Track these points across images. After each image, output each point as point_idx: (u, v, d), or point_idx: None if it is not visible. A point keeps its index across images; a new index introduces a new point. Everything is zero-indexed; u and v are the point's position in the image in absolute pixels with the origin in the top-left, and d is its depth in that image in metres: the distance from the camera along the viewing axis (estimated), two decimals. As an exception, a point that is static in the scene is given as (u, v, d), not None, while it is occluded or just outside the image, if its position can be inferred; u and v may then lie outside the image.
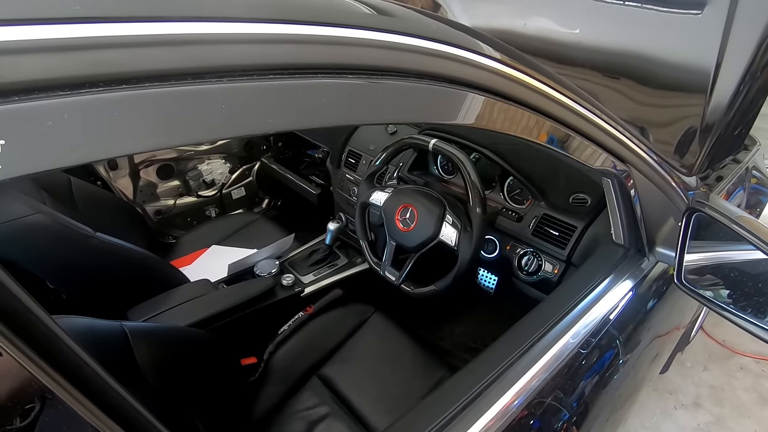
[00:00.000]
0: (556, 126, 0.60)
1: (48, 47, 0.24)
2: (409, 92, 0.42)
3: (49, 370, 0.25)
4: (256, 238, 1.59)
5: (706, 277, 0.80)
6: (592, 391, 0.78)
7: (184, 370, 0.90)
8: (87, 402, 0.27)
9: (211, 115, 0.29)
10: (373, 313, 1.26)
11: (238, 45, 0.30)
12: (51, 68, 0.24)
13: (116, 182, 1.73)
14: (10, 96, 0.23)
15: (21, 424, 0.25)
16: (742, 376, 1.85)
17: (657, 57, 1.18)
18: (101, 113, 0.25)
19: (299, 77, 0.33)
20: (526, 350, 0.67)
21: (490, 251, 1.19)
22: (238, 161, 2.05)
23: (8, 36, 0.23)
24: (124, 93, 0.26)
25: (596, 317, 0.75)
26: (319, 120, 0.35)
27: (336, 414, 1.04)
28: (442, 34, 0.44)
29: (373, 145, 1.47)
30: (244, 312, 1.22)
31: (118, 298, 1.12)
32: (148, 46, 0.27)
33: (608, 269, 0.83)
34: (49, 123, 0.24)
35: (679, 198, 0.84)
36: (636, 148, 0.72)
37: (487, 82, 0.48)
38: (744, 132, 1.36)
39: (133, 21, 0.27)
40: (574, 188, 1.09)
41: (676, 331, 1.27)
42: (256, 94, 0.30)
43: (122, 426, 0.28)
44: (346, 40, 0.37)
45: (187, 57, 0.28)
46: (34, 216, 0.92)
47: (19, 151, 0.23)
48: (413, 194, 1.12)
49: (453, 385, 0.63)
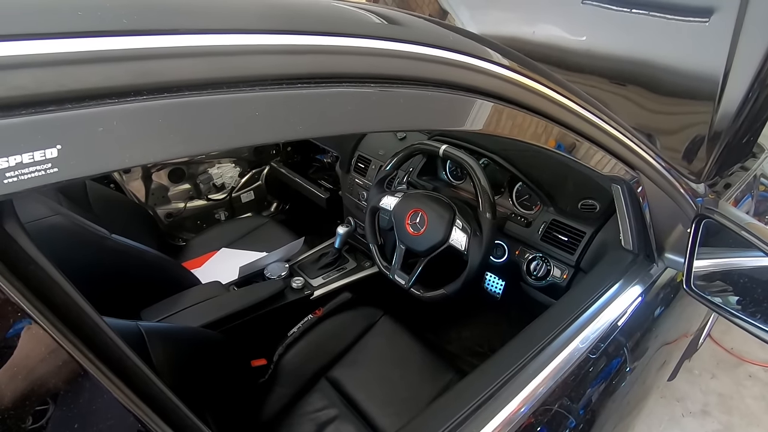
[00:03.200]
0: (566, 132, 0.61)
1: (97, 58, 0.26)
2: (425, 100, 0.43)
3: (97, 361, 0.27)
4: (264, 242, 1.61)
5: (715, 284, 0.80)
6: (600, 398, 0.79)
7: (197, 371, 0.92)
8: (129, 392, 0.28)
9: (246, 121, 0.30)
10: (382, 317, 1.27)
11: (270, 56, 0.32)
12: (100, 78, 0.26)
13: (129, 185, 1.76)
14: (64, 104, 0.25)
15: (71, 411, 0.27)
16: (750, 385, 1.83)
17: (665, 64, 1.19)
18: (146, 120, 0.27)
19: (325, 86, 0.35)
20: (536, 354, 0.67)
21: (499, 256, 1.20)
22: (247, 165, 2.07)
23: (63, 48, 0.25)
24: (165, 101, 0.28)
25: (605, 322, 0.76)
26: (343, 127, 0.37)
27: (345, 416, 1.04)
28: (453, 42, 0.46)
29: (382, 150, 1.49)
30: (255, 314, 1.23)
31: (132, 299, 1.14)
32: (187, 57, 0.29)
33: (618, 274, 0.83)
34: (100, 129, 0.25)
35: (688, 205, 0.85)
36: (645, 154, 0.73)
37: (498, 89, 0.50)
38: (752, 140, 1.36)
39: (173, 33, 0.28)
40: (582, 194, 1.09)
41: (684, 339, 1.27)
42: (287, 102, 0.32)
43: (160, 416, 0.30)
44: (368, 50, 0.38)
45: (222, 67, 0.30)
46: (54, 217, 0.94)
47: (74, 156, 0.24)
48: (423, 199, 1.14)
49: (462, 389, 0.64)
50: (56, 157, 0.24)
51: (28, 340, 0.26)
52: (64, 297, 0.27)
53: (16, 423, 0.25)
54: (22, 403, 0.26)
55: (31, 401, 0.26)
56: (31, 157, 0.24)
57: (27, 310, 0.25)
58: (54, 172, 0.24)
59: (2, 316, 0.25)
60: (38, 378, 0.26)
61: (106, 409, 0.29)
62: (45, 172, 0.24)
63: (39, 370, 0.26)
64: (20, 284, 0.25)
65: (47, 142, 0.24)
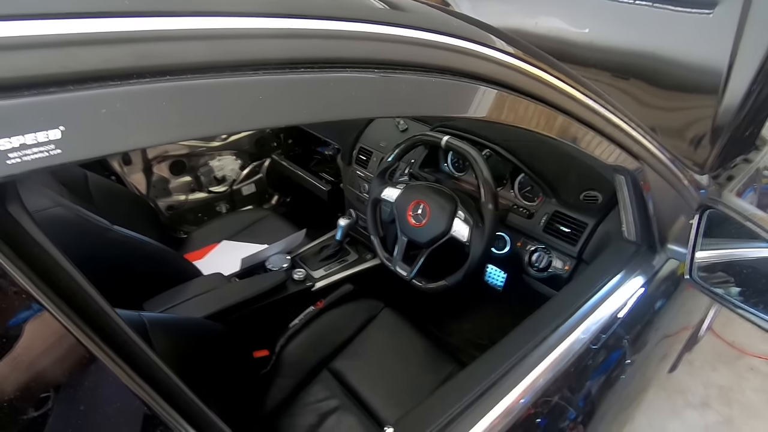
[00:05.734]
0: (570, 121, 0.60)
1: (100, 40, 0.25)
2: (428, 87, 0.43)
3: (103, 345, 0.27)
4: (265, 234, 1.61)
5: (717, 275, 0.80)
6: (600, 390, 0.79)
7: (199, 361, 0.92)
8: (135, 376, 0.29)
9: (250, 105, 0.30)
10: (383, 309, 1.27)
11: (273, 40, 0.32)
12: (102, 59, 0.26)
13: (130, 177, 1.76)
14: (67, 85, 0.25)
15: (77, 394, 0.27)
16: (751, 377, 1.84)
17: (668, 57, 1.18)
18: (149, 102, 0.27)
19: (328, 71, 0.35)
20: (537, 345, 0.67)
21: (501, 248, 1.20)
22: (248, 158, 2.07)
23: (65, 29, 0.24)
24: (168, 84, 0.27)
25: (607, 313, 0.76)
26: (346, 112, 0.36)
27: (346, 407, 1.05)
28: (457, 28, 0.45)
29: (384, 142, 1.48)
30: (257, 305, 1.23)
31: (134, 290, 1.14)
32: (190, 40, 0.28)
33: (620, 265, 0.83)
34: (103, 111, 0.25)
35: (691, 196, 0.85)
36: (649, 145, 0.73)
37: (503, 76, 0.49)
38: (755, 132, 1.36)
39: (176, 15, 0.28)
40: (585, 185, 1.09)
41: (685, 331, 1.27)
42: (290, 87, 0.32)
43: (167, 400, 0.30)
44: (372, 35, 0.38)
45: (225, 50, 0.30)
46: (55, 209, 0.94)
47: (77, 137, 0.24)
48: (425, 190, 1.13)
49: (462, 379, 0.64)
50: (60, 138, 0.24)
51: (33, 322, 0.26)
52: (68, 280, 0.27)
53: (23, 405, 0.26)
54: (30, 384, 0.26)
55: (38, 383, 0.26)
56: (34, 138, 0.23)
57: (31, 292, 0.25)
58: (58, 154, 0.24)
59: (7, 298, 0.25)
60: (44, 361, 0.26)
61: (112, 393, 0.29)
62: (48, 153, 0.24)
63: (45, 353, 0.26)
64: (24, 266, 0.25)
65: (50, 123, 0.24)
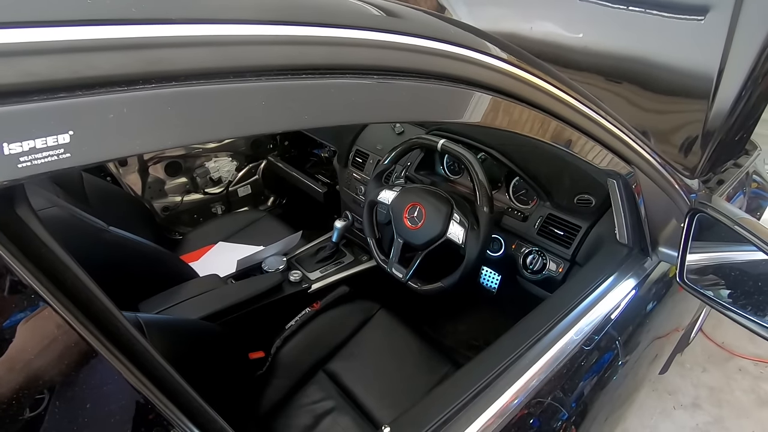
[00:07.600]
0: (564, 126, 0.61)
1: (108, 46, 0.26)
2: (425, 92, 0.44)
3: (108, 344, 0.27)
4: (261, 236, 1.61)
5: (707, 277, 0.81)
6: (592, 391, 0.80)
7: (195, 362, 0.92)
8: (139, 374, 0.29)
9: (253, 110, 0.31)
10: (378, 310, 1.28)
11: (275, 46, 0.33)
12: (110, 65, 0.26)
13: (125, 178, 1.75)
14: (75, 91, 0.25)
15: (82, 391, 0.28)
16: (740, 378, 1.86)
17: (660, 62, 1.20)
18: (155, 108, 0.27)
19: (328, 77, 0.35)
20: (530, 346, 0.68)
21: (496, 250, 1.21)
22: (244, 159, 2.07)
23: (74, 35, 0.25)
24: (174, 89, 0.28)
25: (599, 315, 0.77)
26: (345, 117, 0.37)
27: (342, 408, 1.05)
28: (453, 35, 0.46)
29: (380, 144, 1.49)
30: (253, 307, 1.24)
31: (130, 291, 1.14)
32: (194, 47, 0.29)
33: (612, 267, 0.85)
34: (111, 116, 0.26)
35: (682, 199, 0.86)
36: (641, 150, 0.74)
37: (497, 82, 0.50)
38: (745, 137, 1.38)
39: (181, 23, 0.29)
40: (578, 189, 1.11)
41: (676, 333, 1.29)
42: (292, 92, 0.33)
43: (170, 398, 0.31)
44: (370, 42, 0.39)
45: (229, 57, 0.31)
46: (51, 209, 0.94)
47: (86, 141, 0.25)
48: (421, 193, 1.14)
49: (457, 380, 0.64)
50: (68, 142, 0.25)
51: (40, 321, 0.26)
52: (74, 280, 0.28)
53: (31, 401, 0.26)
54: (38, 381, 0.26)
55: (46, 380, 0.27)
56: (44, 142, 0.24)
57: (39, 291, 0.26)
58: (66, 158, 0.25)
59: (15, 297, 0.25)
60: (50, 358, 0.27)
61: (117, 390, 0.29)
62: (58, 157, 0.24)
63: (51, 350, 0.27)
64: (32, 266, 0.26)
65: (60, 127, 0.24)
